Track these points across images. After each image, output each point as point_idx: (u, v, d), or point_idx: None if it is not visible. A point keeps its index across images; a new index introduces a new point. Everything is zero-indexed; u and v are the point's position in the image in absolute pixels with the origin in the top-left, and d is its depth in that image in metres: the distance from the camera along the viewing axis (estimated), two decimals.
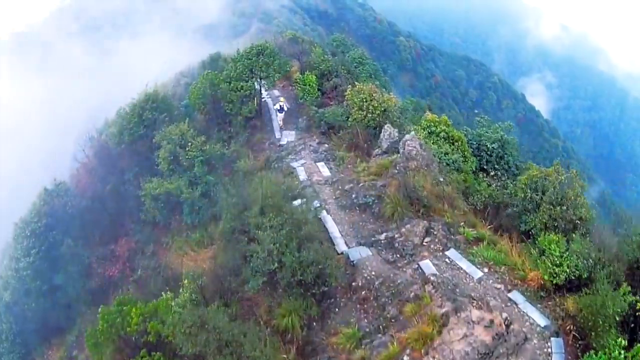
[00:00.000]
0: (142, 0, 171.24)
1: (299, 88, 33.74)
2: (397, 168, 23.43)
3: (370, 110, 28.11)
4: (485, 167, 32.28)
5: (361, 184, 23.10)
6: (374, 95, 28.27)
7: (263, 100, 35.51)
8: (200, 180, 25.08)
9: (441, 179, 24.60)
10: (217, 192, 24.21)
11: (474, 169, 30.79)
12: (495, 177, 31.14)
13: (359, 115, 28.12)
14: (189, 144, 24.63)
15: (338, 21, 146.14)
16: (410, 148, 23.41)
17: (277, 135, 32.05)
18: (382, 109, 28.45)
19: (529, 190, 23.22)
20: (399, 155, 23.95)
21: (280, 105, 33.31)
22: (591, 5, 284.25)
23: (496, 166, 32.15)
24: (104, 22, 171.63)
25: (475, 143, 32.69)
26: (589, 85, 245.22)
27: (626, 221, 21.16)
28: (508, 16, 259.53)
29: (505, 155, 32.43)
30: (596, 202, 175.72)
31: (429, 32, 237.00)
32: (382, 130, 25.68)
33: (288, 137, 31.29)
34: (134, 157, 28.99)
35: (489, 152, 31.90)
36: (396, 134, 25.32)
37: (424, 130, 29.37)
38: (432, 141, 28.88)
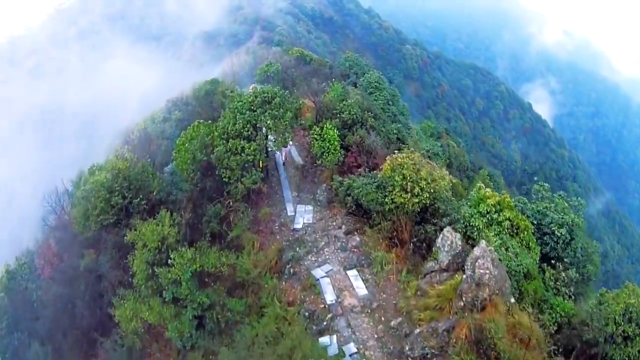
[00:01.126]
0: (142, 5, 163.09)
1: (316, 145, 26.10)
2: (464, 299, 16.11)
3: (416, 193, 20.67)
4: (548, 253, 25.23)
5: (418, 331, 15.70)
6: (421, 173, 20.75)
7: (269, 149, 28.02)
8: (190, 300, 17.66)
9: (512, 300, 17.69)
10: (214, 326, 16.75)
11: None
12: (563, 271, 24.12)
13: (402, 199, 20.67)
14: (172, 257, 17.20)
15: (343, 28, 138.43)
16: (482, 271, 16.11)
17: (290, 209, 24.59)
18: (431, 189, 21.00)
19: (622, 322, 17.76)
20: (464, 276, 16.61)
21: None
22: (593, 10, 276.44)
23: (562, 255, 25.05)
24: (102, 26, 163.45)
25: (535, 221, 25.55)
26: (592, 92, 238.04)
27: None
28: (511, 22, 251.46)
29: (573, 242, 25.25)
30: (601, 213, 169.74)
31: (432, 37, 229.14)
32: (441, 236, 18.31)
33: (304, 215, 23.85)
34: (104, 248, 21.63)
35: (555, 239, 24.69)
36: (459, 243, 17.93)
37: (482, 217, 21.94)
38: (492, 232, 21.57)
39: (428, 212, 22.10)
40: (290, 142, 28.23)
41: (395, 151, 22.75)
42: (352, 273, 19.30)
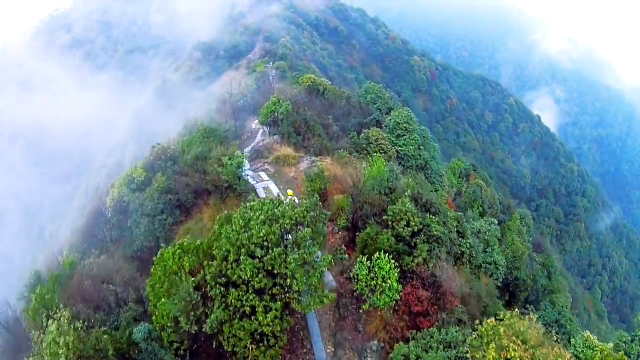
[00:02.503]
0: (139, 12, 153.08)
1: (363, 280, 16.87)
2: None
3: None
4: None
5: None
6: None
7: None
8: None
9: None
10: None
11: None
12: None
13: None
14: None
15: (349, 39, 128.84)
16: None
17: None
18: None
19: None
20: None
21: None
22: (597, 19, 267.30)
23: None
24: (98, 34, 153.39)
25: None
26: (597, 101, 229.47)
27: None
28: (515, 29, 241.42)
29: None
30: (609, 228, 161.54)
31: (435, 46, 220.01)
32: None
33: None
34: None
35: None
36: None
37: None
38: None
39: None
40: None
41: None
42: None
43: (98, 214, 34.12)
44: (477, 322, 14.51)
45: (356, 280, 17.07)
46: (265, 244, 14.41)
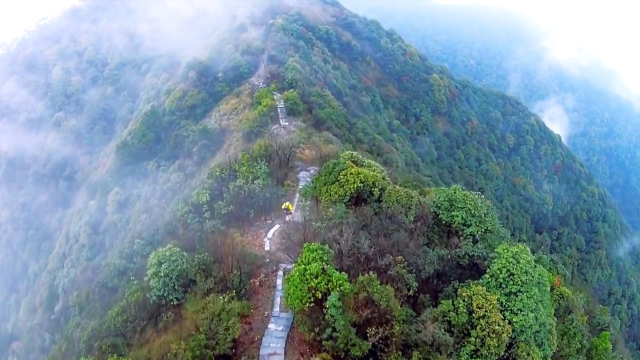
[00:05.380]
0: (132, 22, 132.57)
1: None
2: None
3: None
4: None
5: None
6: None
7: None
8: None
9: None
10: None
11: None
12: None
13: None
14: None
15: (363, 54, 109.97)
16: None
17: None
18: None
19: None
20: None
21: None
22: (605, 27, 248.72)
23: None
24: (87, 46, 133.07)
25: None
26: (605, 111, 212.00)
27: None
28: (524, 37, 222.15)
29: None
30: (628, 253, 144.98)
31: (442, 54, 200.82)
32: None
33: None
34: None
35: None
36: None
37: None
38: None
39: None
40: None
41: None
42: None
43: None
44: None
45: None
46: None
